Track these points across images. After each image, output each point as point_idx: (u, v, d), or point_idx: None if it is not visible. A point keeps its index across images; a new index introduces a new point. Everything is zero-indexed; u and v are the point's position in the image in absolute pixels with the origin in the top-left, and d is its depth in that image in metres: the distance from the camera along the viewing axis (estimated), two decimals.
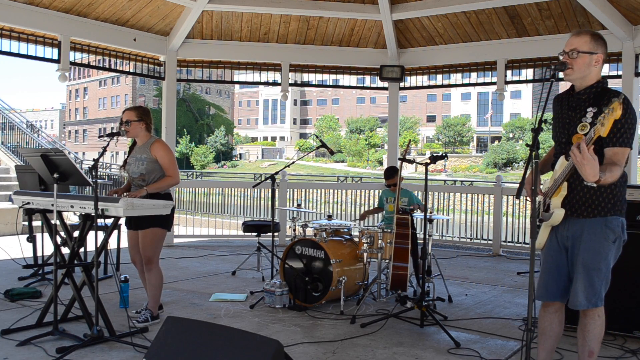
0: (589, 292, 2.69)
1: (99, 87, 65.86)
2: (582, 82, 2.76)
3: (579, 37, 2.72)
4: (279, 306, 4.77)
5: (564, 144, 2.79)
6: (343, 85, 9.42)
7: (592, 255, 2.69)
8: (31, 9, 6.62)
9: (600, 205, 2.69)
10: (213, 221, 11.05)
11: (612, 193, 2.70)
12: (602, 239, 2.69)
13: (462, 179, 26.66)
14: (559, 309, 2.91)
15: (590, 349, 2.74)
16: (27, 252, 6.07)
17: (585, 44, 2.70)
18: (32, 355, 3.52)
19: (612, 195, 2.70)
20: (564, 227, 2.78)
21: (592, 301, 2.69)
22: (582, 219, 2.72)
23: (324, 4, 7.68)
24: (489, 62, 7.98)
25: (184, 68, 8.68)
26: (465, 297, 5.36)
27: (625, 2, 6.48)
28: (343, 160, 54.67)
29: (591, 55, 2.70)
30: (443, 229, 9.07)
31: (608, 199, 2.69)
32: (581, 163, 2.37)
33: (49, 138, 17.97)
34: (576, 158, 2.38)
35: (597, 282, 2.69)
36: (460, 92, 61.94)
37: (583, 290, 2.69)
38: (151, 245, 4.20)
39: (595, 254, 2.69)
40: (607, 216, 2.69)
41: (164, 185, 4.22)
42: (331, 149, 6.04)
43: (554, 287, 2.83)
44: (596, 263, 2.68)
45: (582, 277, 2.70)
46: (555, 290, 2.83)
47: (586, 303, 2.70)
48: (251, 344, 2.16)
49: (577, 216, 2.73)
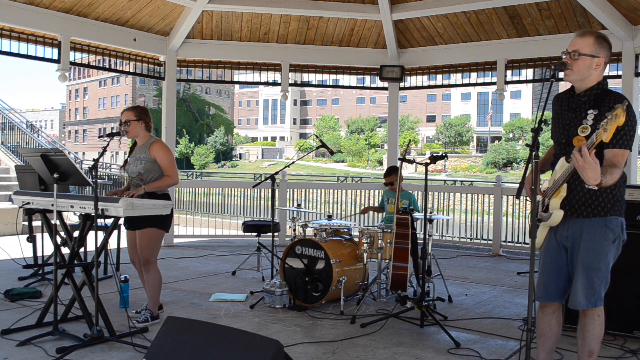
0: (588, 292, 2.69)
1: (99, 87, 65.86)
2: (582, 83, 2.75)
3: (582, 38, 2.71)
4: (279, 306, 4.77)
5: (563, 145, 2.79)
6: (343, 85, 9.43)
7: (592, 255, 2.69)
8: (31, 9, 6.61)
9: (600, 205, 2.69)
10: (213, 221, 11.05)
11: (611, 193, 2.70)
12: (602, 239, 2.69)
13: (462, 179, 26.66)
14: (557, 309, 2.92)
15: (590, 348, 2.74)
16: (27, 252, 6.07)
17: (588, 46, 2.68)
18: (32, 355, 3.51)
19: (611, 196, 2.70)
20: (563, 227, 2.78)
21: (591, 301, 2.69)
22: (582, 219, 2.72)
23: (324, 4, 7.68)
24: (489, 62, 7.98)
25: (184, 68, 8.67)
26: (465, 297, 5.36)
27: (625, 2, 6.48)
28: (343, 160, 54.68)
29: (592, 59, 2.69)
30: (443, 229, 9.07)
31: (608, 199, 2.69)
32: (583, 167, 2.38)
33: (49, 138, 17.98)
34: (578, 162, 2.38)
35: (597, 282, 2.69)
36: (460, 92, 61.96)
37: (583, 290, 2.70)
38: (148, 245, 4.20)
39: (595, 253, 2.69)
40: (606, 216, 2.70)
41: (162, 185, 4.22)
42: (331, 149, 6.04)
43: (553, 287, 2.83)
44: (596, 263, 2.69)
45: (581, 277, 2.70)
46: (555, 290, 2.84)
47: (586, 303, 2.70)
48: (251, 344, 2.16)
49: (577, 216, 2.73)
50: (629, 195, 4.00)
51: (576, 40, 2.72)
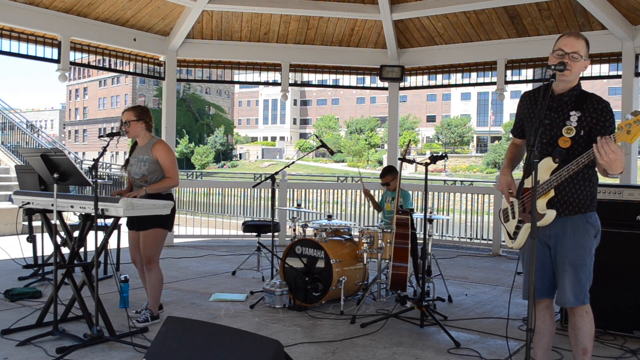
0: (576, 290, 2.75)
1: (99, 87, 65.85)
2: (568, 84, 2.81)
3: (578, 40, 2.76)
4: (279, 306, 4.77)
5: (545, 145, 2.82)
6: (343, 85, 9.43)
7: (577, 251, 2.76)
8: (31, 9, 6.62)
9: (581, 202, 2.78)
10: (213, 221, 11.05)
11: (590, 191, 2.81)
12: (586, 235, 2.78)
13: (462, 179, 26.66)
14: (548, 305, 2.97)
15: (583, 346, 2.79)
16: (27, 252, 6.06)
17: (583, 49, 2.76)
18: (32, 355, 3.52)
19: (589, 193, 2.81)
20: (546, 226, 2.82)
21: (579, 298, 2.76)
22: (564, 217, 2.79)
23: (324, 4, 7.68)
24: (489, 62, 7.98)
25: (184, 68, 8.68)
26: (465, 297, 5.36)
27: (625, 2, 6.48)
28: (343, 160, 54.68)
29: (584, 61, 2.78)
30: (443, 229, 9.07)
31: (587, 197, 2.79)
32: (614, 159, 2.46)
33: (49, 138, 17.97)
34: (608, 155, 2.45)
35: (584, 279, 2.76)
36: (460, 92, 61.93)
37: (571, 288, 2.76)
38: (152, 245, 4.21)
39: (580, 249, 2.77)
40: (587, 212, 2.80)
41: (163, 186, 4.22)
42: (331, 149, 6.04)
43: (540, 284, 2.87)
44: (582, 259, 2.76)
45: (569, 275, 2.76)
46: (542, 287, 2.88)
47: (574, 301, 2.76)
48: (251, 344, 2.16)
49: (559, 214, 2.79)
50: (628, 195, 4.02)
51: (574, 42, 2.75)
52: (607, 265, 3.99)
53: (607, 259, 3.99)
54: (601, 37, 6.86)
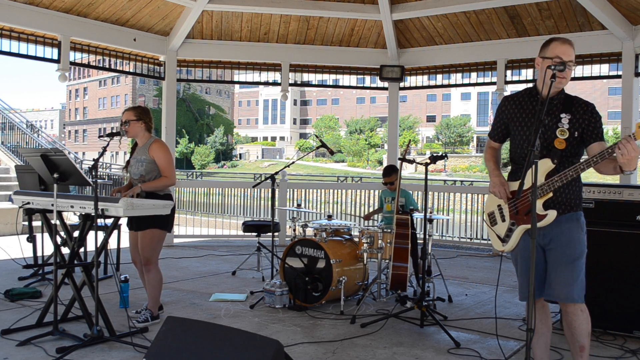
0: (578, 287, 2.80)
1: (99, 87, 65.84)
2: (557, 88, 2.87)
3: (572, 48, 2.83)
4: (279, 306, 4.77)
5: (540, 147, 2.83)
6: (343, 85, 9.43)
7: (574, 245, 2.82)
8: (31, 9, 6.61)
9: (573, 202, 2.87)
10: (213, 221, 11.05)
11: (579, 191, 2.91)
12: (580, 230, 2.87)
13: (462, 179, 26.65)
14: (544, 304, 3.00)
15: (580, 344, 2.82)
16: (27, 252, 6.07)
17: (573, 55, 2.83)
18: (32, 355, 3.52)
19: (578, 193, 2.90)
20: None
21: (575, 294, 2.80)
22: (559, 216, 2.83)
23: (324, 4, 7.68)
24: (489, 62, 7.98)
25: (184, 68, 8.68)
26: (465, 297, 5.36)
27: (625, 2, 6.48)
28: (343, 160, 54.67)
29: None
30: (443, 229, 9.08)
31: (576, 196, 2.89)
32: (634, 157, 2.54)
33: (49, 138, 17.97)
34: (630, 154, 2.52)
35: (579, 272, 2.81)
36: (460, 92, 61.93)
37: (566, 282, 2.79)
38: (150, 245, 4.21)
39: (577, 244, 2.84)
40: (577, 211, 2.89)
41: (159, 185, 4.22)
42: (331, 149, 6.04)
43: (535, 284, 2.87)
44: (578, 253, 2.83)
45: (565, 269, 2.80)
46: (537, 287, 2.89)
47: (576, 298, 2.80)
48: (251, 344, 2.16)
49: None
50: (628, 195, 4.02)
51: (570, 50, 2.81)
52: (607, 265, 3.99)
53: (607, 259, 4.00)
54: (601, 37, 6.87)
